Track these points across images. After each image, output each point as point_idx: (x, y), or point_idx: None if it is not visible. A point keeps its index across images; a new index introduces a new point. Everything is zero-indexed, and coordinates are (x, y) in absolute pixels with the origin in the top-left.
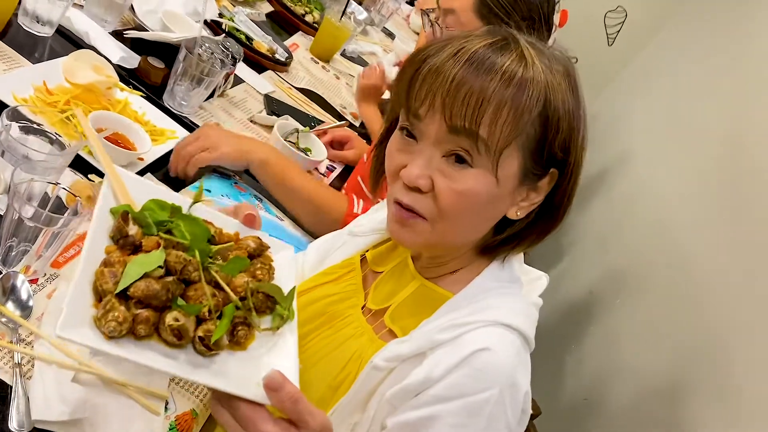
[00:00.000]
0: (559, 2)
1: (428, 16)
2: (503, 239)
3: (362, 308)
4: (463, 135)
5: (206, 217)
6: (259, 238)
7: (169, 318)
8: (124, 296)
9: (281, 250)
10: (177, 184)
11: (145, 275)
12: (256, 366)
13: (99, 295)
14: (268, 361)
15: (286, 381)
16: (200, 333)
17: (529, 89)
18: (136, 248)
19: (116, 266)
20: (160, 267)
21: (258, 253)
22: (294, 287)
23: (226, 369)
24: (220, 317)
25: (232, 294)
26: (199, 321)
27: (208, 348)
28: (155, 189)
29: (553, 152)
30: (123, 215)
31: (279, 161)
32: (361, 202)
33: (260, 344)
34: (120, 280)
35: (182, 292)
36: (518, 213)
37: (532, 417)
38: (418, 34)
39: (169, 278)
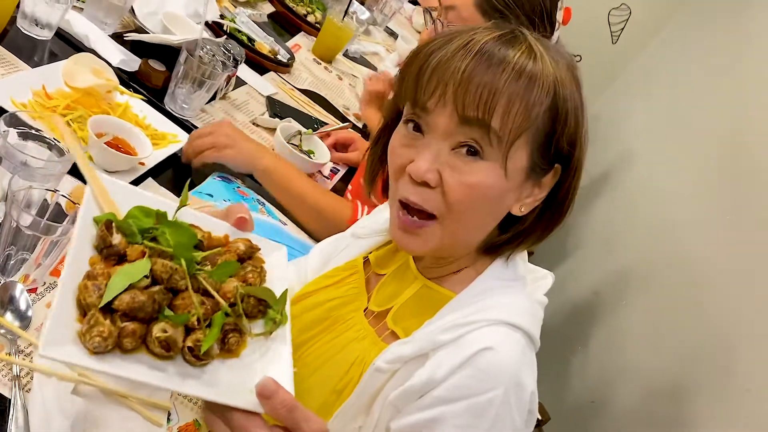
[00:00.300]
0: None
1: (430, 13)
2: (508, 238)
3: (365, 311)
4: (475, 126)
5: (194, 221)
6: (249, 240)
7: (157, 330)
8: (109, 309)
9: (273, 252)
10: (181, 187)
11: (131, 286)
12: (249, 373)
13: (83, 310)
14: (261, 367)
15: (279, 388)
16: (189, 343)
17: (539, 82)
18: (120, 258)
19: (100, 278)
20: (145, 277)
21: (248, 255)
22: (286, 290)
23: (218, 378)
24: (209, 326)
25: (221, 300)
26: (189, 330)
27: (198, 358)
28: (140, 195)
29: (560, 147)
30: (106, 224)
31: (282, 170)
32: (366, 207)
33: (253, 350)
34: (104, 293)
35: (169, 301)
36: (522, 209)
37: (542, 423)
38: (420, 33)
39: (156, 288)
